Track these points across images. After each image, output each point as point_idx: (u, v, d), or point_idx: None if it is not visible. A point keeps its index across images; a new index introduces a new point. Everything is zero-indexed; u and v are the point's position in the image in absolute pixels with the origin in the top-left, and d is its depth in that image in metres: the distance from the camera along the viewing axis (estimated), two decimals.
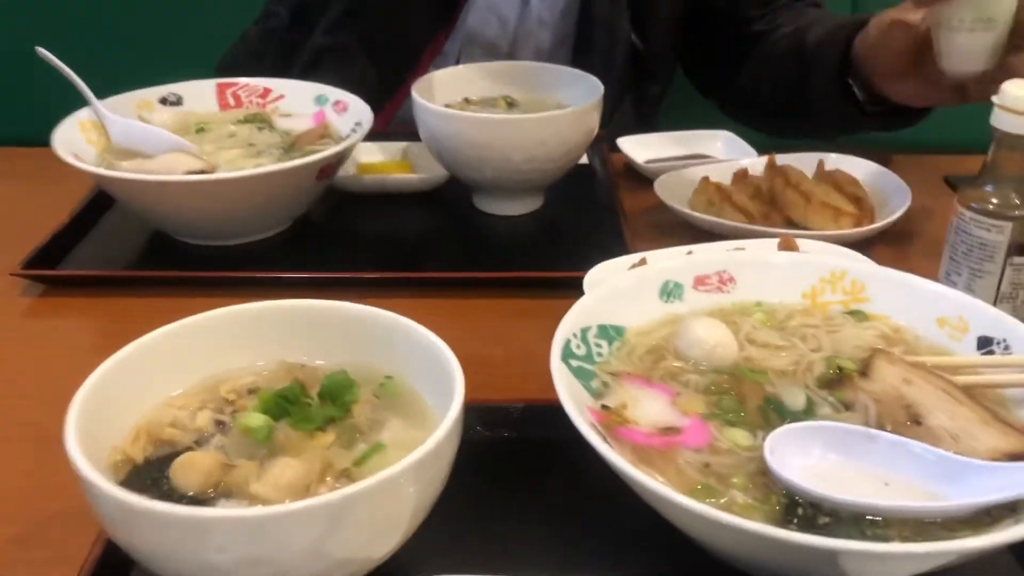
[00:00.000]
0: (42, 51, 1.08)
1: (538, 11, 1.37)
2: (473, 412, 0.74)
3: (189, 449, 0.58)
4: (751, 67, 1.35)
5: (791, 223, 1.07)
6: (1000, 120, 0.87)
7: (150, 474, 0.56)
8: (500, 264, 1.02)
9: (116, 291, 0.98)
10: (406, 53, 1.35)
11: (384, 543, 0.55)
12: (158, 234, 1.07)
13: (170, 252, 1.05)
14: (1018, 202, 0.88)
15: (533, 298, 0.97)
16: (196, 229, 1.03)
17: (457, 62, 1.38)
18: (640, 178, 1.21)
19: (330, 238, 1.10)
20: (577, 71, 1.17)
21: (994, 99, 0.87)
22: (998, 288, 0.90)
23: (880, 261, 1.02)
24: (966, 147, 1.18)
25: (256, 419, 0.58)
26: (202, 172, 0.98)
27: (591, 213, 1.14)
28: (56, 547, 0.64)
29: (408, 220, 1.14)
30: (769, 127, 1.39)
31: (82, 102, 1.08)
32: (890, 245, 1.08)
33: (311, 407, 0.60)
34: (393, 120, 1.40)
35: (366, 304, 0.94)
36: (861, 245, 1.04)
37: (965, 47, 0.97)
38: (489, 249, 1.09)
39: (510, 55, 1.39)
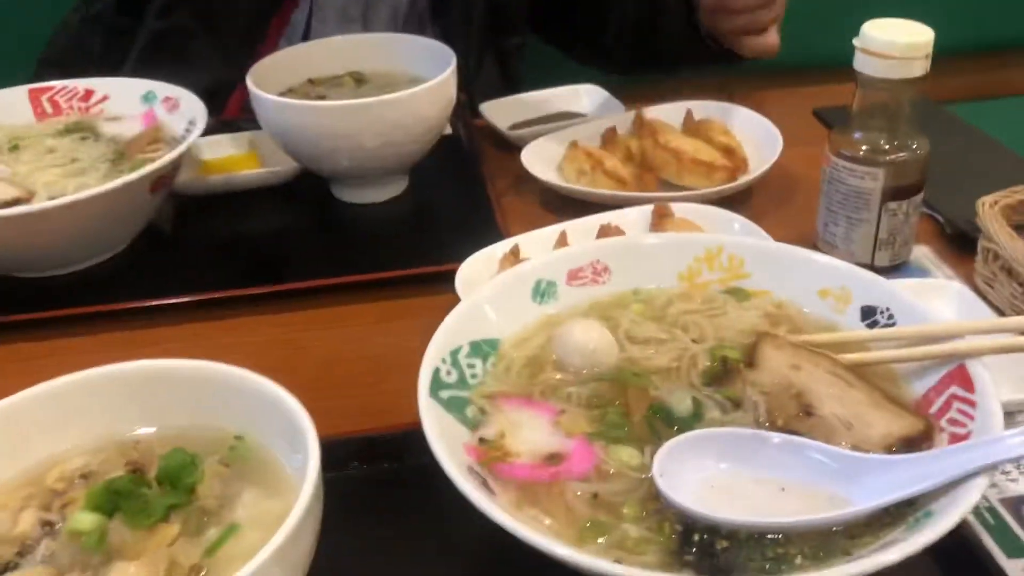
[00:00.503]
0: None
1: None
2: (345, 445, 0.69)
3: (10, 566, 0.51)
4: (596, 9, 1.30)
5: (665, 183, 1.03)
6: (863, 63, 0.84)
7: None
8: (366, 261, 0.95)
9: None
10: (250, 28, 1.24)
11: None
12: None
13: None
14: (887, 147, 0.86)
15: (405, 297, 0.91)
16: (20, 262, 0.93)
17: (306, 35, 1.28)
18: (509, 146, 1.14)
19: (177, 252, 1.01)
20: (426, 40, 1.09)
21: (856, 42, 0.84)
22: (876, 235, 0.88)
23: (759, 214, 1.00)
24: (828, 67, 1.15)
25: (84, 521, 0.51)
26: (16, 201, 0.88)
27: (459, 193, 1.08)
28: None
29: (261, 220, 1.05)
30: (613, 67, 1.36)
31: None
32: (767, 195, 1.05)
33: (148, 496, 0.52)
34: (244, 104, 1.30)
35: (221, 325, 0.89)
36: (738, 198, 1.02)
37: None
38: (352, 245, 1.02)
39: (365, 20, 1.29)
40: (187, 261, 0.99)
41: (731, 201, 0.99)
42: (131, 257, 0.98)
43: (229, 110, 1.27)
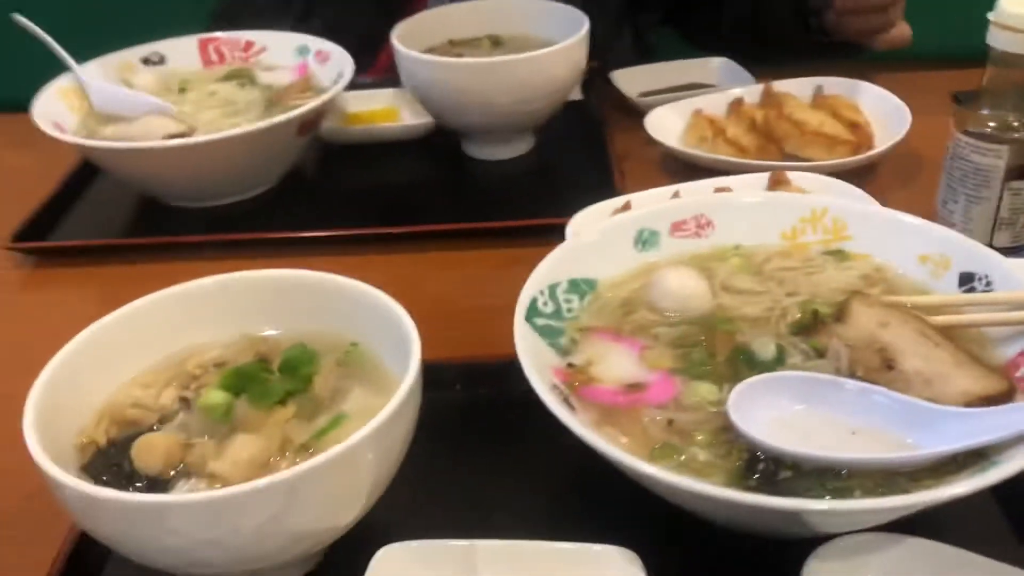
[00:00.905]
0: (19, 18, 1.07)
1: None
2: (448, 369, 0.75)
3: (152, 429, 0.59)
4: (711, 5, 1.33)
5: (787, 155, 1.04)
6: (996, 38, 0.83)
7: (112, 457, 0.57)
8: (489, 212, 1.01)
9: (108, 259, 0.98)
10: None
11: (345, 513, 0.56)
12: (147, 199, 1.07)
13: (159, 217, 1.05)
14: (1016, 124, 0.84)
15: (521, 246, 0.95)
16: (181, 192, 1.03)
17: None
18: (635, 112, 1.17)
19: (319, 193, 1.09)
20: (562, 5, 1.14)
21: (990, 16, 0.83)
22: (996, 214, 0.87)
23: (880, 189, 1.00)
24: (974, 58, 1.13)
25: (215, 396, 0.58)
26: (181, 135, 0.98)
27: (582, 154, 1.12)
28: (41, 525, 0.66)
29: (397, 170, 1.13)
30: (736, 57, 1.36)
31: (62, 68, 1.08)
32: (891, 172, 1.04)
33: (270, 382, 0.60)
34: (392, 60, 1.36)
35: (353, 260, 0.96)
36: (860, 173, 1.02)
37: None
38: (478, 197, 1.08)
39: None
40: (327, 202, 1.08)
41: (854, 176, 0.99)
42: (278, 195, 1.08)
43: (380, 62, 1.34)
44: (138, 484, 0.55)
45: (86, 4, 1.56)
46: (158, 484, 0.55)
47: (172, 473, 0.56)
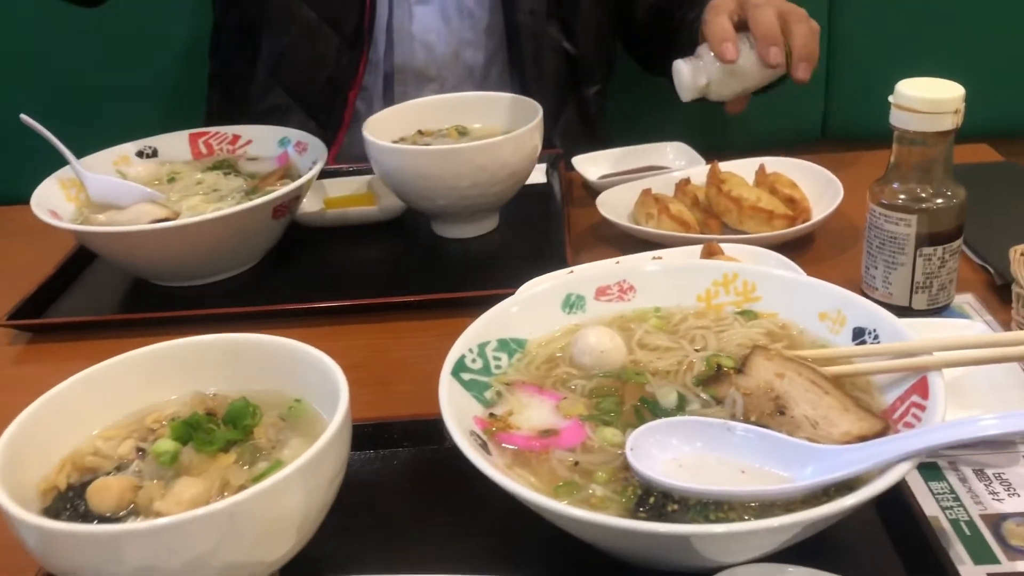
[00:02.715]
0: (26, 119, 1.17)
1: (460, 33, 1.44)
2: (389, 428, 0.82)
3: (109, 474, 0.65)
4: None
5: (728, 229, 1.11)
6: (897, 119, 0.91)
7: (70, 499, 0.63)
8: (454, 286, 1.08)
9: (98, 335, 1.06)
10: (332, 95, 1.42)
11: (276, 547, 0.61)
12: (136, 280, 1.15)
13: (147, 295, 1.13)
14: (922, 195, 0.92)
15: (474, 316, 1.03)
16: (165, 272, 1.11)
17: (384, 95, 1.45)
18: (596, 194, 1.26)
19: (297, 272, 1.17)
20: (519, 97, 1.23)
21: (891, 99, 0.91)
22: (912, 279, 0.93)
23: (815, 258, 1.07)
24: None
25: (164, 445, 0.65)
26: (165, 219, 1.06)
27: (542, 231, 1.20)
28: (10, 572, 0.72)
29: (371, 250, 1.21)
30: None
31: (62, 161, 1.18)
32: (825, 243, 1.11)
33: (214, 431, 0.66)
34: (336, 159, 1.46)
35: (326, 330, 1.04)
36: (796, 245, 1.09)
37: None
38: (444, 272, 1.16)
39: (440, 79, 1.45)
40: (305, 279, 1.15)
41: (790, 248, 1.06)
42: (258, 274, 1.16)
43: (350, 100, 1.44)
44: (92, 522, 0.62)
45: (88, 104, 1.68)
46: (110, 522, 0.62)
47: (122, 513, 0.62)
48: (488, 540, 0.70)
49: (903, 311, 0.93)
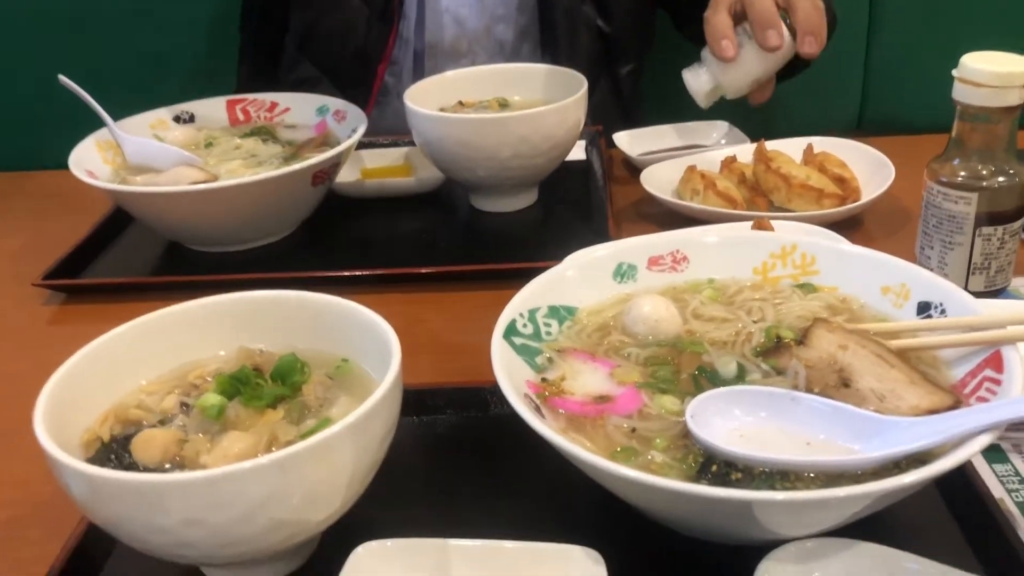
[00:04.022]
0: (63, 79, 1.16)
1: (491, 8, 1.41)
2: (439, 394, 0.80)
3: (153, 428, 0.64)
4: None
5: (776, 208, 1.09)
6: (960, 93, 0.88)
7: (114, 451, 0.62)
8: (492, 258, 1.06)
9: (132, 298, 1.05)
10: (361, 68, 1.41)
11: (323, 507, 0.60)
12: (172, 244, 1.14)
13: (183, 260, 1.12)
14: (984, 173, 0.89)
15: (515, 288, 1.01)
16: (202, 236, 1.10)
17: (414, 69, 1.43)
18: (636, 171, 1.23)
19: (333, 241, 1.16)
20: (561, 69, 1.21)
21: (954, 72, 0.88)
22: (969, 259, 0.91)
23: (865, 239, 1.04)
24: None
25: (210, 399, 0.63)
26: (204, 182, 1.05)
27: (582, 207, 1.18)
28: (52, 525, 0.71)
29: (408, 221, 1.19)
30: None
31: (100, 124, 1.16)
32: (875, 223, 1.09)
33: (262, 387, 0.64)
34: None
35: (361, 299, 1.02)
36: (847, 225, 1.06)
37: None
38: (483, 245, 1.14)
39: (472, 54, 1.43)
40: (341, 249, 1.14)
41: (840, 228, 1.03)
42: (294, 242, 1.14)
43: (379, 75, 1.42)
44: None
45: (125, 66, 1.67)
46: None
47: (167, 466, 0.61)
48: (534, 506, 0.68)
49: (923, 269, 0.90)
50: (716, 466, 0.59)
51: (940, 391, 0.64)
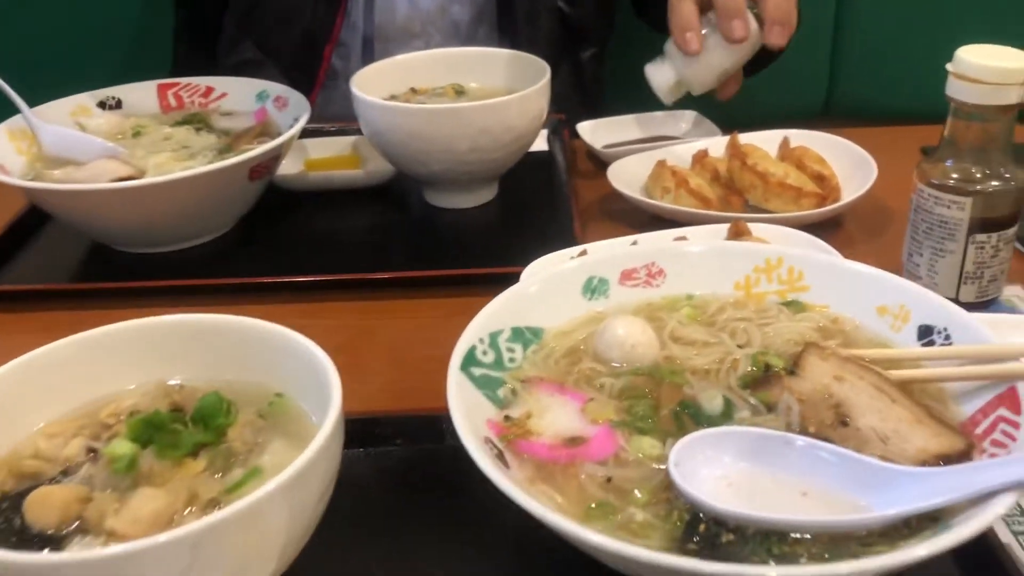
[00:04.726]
0: None
1: None
2: (387, 424, 0.72)
3: (54, 481, 0.55)
4: None
5: (751, 207, 1.02)
6: (955, 89, 0.81)
7: (3, 512, 0.53)
8: (448, 260, 0.98)
9: (50, 305, 0.95)
10: (307, 50, 1.31)
11: (255, 574, 0.51)
12: (96, 245, 1.04)
13: (108, 262, 1.02)
14: (978, 176, 0.82)
15: (477, 295, 0.92)
16: (129, 237, 1.00)
17: (363, 51, 1.34)
18: (602, 164, 1.15)
19: (275, 239, 1.06)
20: (521, 54, 1.12)
21: (949, 67, 0.81)
22: (961, 268, 0.85)
23: (845, 243, 0.98)
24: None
25: (120, 447, 0.55)
26: (129, 178, 0.95)
27: (545, 203, 1.09)
28: None
29: (356, 217, 1.10)
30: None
31: (13, 110, 1.05)
32: (857, 225, 1.02)
33: (180, 432, 0.56)
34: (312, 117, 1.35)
35: (307, 307, 0.94)
36: (826, 226, 0.99)
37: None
38: (440, 244, 1.05)
39: (425, 36, 1.34)
40: (284, 249, 1.04)
41: (820, 229, 0.97)
42: (232, 241, 1.05)
43: (326, 56, 1.33)
44: (29, 541, 0.51)
45: (55, 56, 1.54)
46: (51, 541, 0.51)
47: (66, 531, 0.52)
48: (496, 554, 0.61)
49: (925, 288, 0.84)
50: (704, 525, 0.52)
51: (949, 432, 0.57)
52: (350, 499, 0.61)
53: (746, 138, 1.10)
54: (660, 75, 1.02)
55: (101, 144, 1.02)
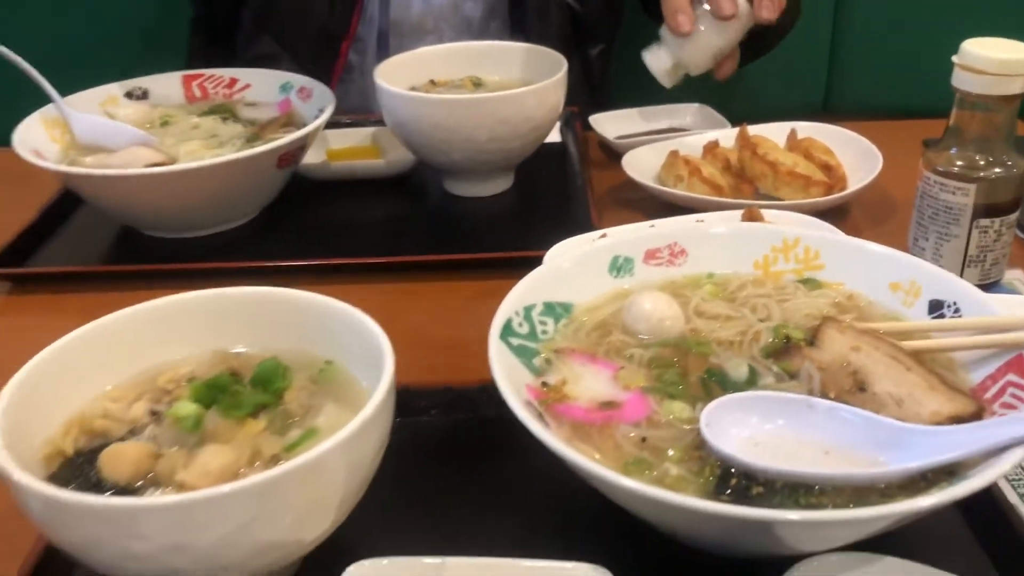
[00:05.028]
0: (2, 49, 1.07)
1: None
2: (424, 395, 0.75)
3: (121, 440, 0.58)
4: None
5: (761, 195, 1.06)
6: (961, 80, 0.85)
7: (79, 466, 0.56)
8: (469, 246, 1.02)
9: (84, 287, 0.98)
10: (324, 46, 1.34)
11: (314, 527, 0.55)
12: (126, 229, 1.07)
13: (138, 247, 1.05)
14: (982, 163, 0.86)
15: (498, 278, 0.96)
16: (160, 222, 1.03)
17: (378, 46, 1.37)
18: (614, 154, 1.19)
19: (299, 226, 1.10)
20: (538, 48, 1.16)
21: (954, 59, 0.85)
22: (965, 252, 0.89)
23: (853, 229, 1.02)
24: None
25: (185, 408, 0.58)
26: (162, 164, 0.98)
27: (560, 191, 1.13)
28: (8, 540, 0.65)
29: (378, 205, 1.14)
30: None
31: (48, 100, 1.08)
32: (863, 212, 1.06)
33: (242, 394, 0.59)
34: None
35: (332, 290, 0.96)
36: (833, 213, 1.03)
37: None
38: (459, 231, 1.09)
39: (438, 31, 1.37)
40: (308, 235, 1.08)
41: (827, 216, 1.00)
42: (258, 227, 1.08)
43: (343, 53, 1.36)
44: (106, 493, 0.54)
45: (73, 39, 1.57)
46: (126, 493, 0.55)
47: (140, 483, 0.55)
48: (533, 517, 0.64)
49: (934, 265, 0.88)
50: (735, 479, 0.56)
51: (961, 396, 0.61)
52: (391, 465, 0.65)
53: (755, 130, 1.14)
54: (657, 59, 1.06)
55: (132, 132, 1.06)
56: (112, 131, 1.06)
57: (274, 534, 0.52)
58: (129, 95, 1.16)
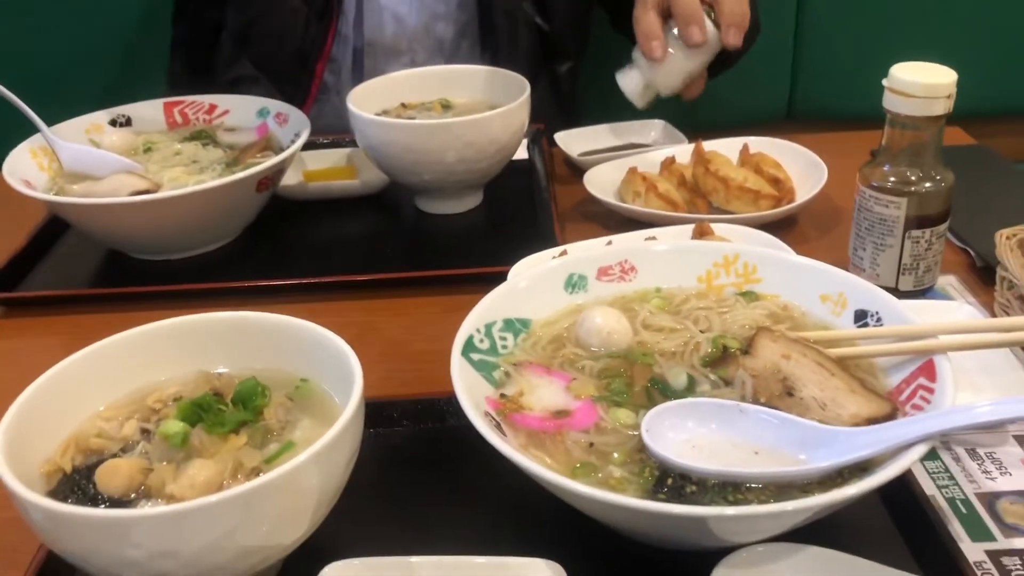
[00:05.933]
0: None
1: (431, 6, 1.42)
2: (394, 406, 0.81)
3: (115, 456, 0.64)
4: None
5: (715, 209, 1.12)
6: (890, 102, 0.92)
7: (77, 482, 0.62)
8: (441, 262, 1.07)
9: (74, 309, 1.03)
10: (300, 67, 1.40)
11: (292, 531, 0.61)
12: (113, 253, 1.12)
13: (125, 269, 1.11)
14: (913, 178, 0.93)
15: (467, 293, 1.01)
16: (146, 245, 1.09)
17: (353, 66, 1.43)
18: (578, 170, 1.25)
19: (278, 245, 1.15)
20: (502, 71, 1.22)
21: (884, 82, 0.92)
22: (899, 260, 0.95)
23: (799, 240, 1.08)
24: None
25: (173, 426, 0.64)
26: (147, 191, 1.03)
27: (527, 207, 1.19)
28: (8, 552, 0.70)
29: (353, 224, 1.19)
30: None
31: (34, 129, 1.13)
32: (810, 223, 1.13)
33: (224, 412, 0.65)
34: None
35: (311, 307, 1.02)
36: (782, 225, 1.10)
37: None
38: (431, 248, 1.15)
39: (411, 52, 1.43)
40: (286, 254, 1.14)
41: (776, 228, 1.07)
42: (239, 248, 1.14)
43: (318, 73, 1.42)
44: (101, 506, 0.60)
45: (56, 69, 1.62)
46: (120, 505, 0.60)
47: (133, 495, 0.61)
48: (495, 519, 0.70)
49: (889, 292, 0.94)
50: (671, 479, 0.62)
51: (878, 399, 0.67)
52: (365, 473, 0.71)
53: (710, 145, 1.20)
54: (630, 81, 1.12)
55: (118, 160, 1.11)
56: (97, 159, 1.12)
57: (256, 539, 0.58)
58: (113, 122, 1.21)
